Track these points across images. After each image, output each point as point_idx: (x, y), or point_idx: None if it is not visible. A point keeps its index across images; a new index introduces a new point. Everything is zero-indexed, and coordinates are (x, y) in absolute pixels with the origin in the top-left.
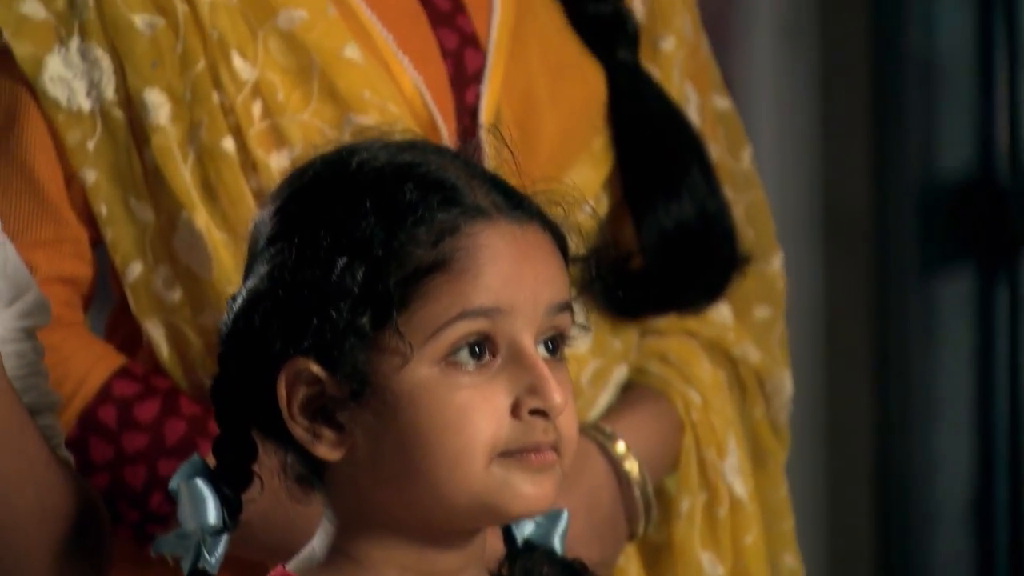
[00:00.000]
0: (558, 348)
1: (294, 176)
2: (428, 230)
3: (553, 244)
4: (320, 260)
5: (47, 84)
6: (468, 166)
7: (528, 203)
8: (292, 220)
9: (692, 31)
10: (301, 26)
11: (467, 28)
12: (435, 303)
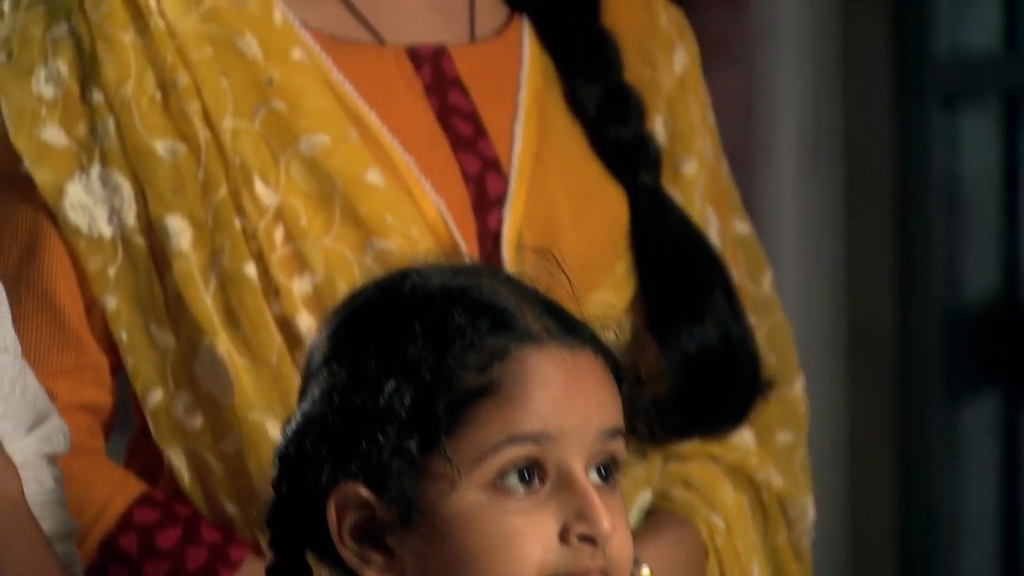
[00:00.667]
0: (610, 474)
1: (349, 299)
2: (477, 355)
3: (606, 369)
4: (369, 384)
5: (68, 211)
6: (521, 289)
7: (581, 327)
8: (344, 343)
9: (713, 154)
10: (323, 151)
11: (489, 153)
12: (483, 428)
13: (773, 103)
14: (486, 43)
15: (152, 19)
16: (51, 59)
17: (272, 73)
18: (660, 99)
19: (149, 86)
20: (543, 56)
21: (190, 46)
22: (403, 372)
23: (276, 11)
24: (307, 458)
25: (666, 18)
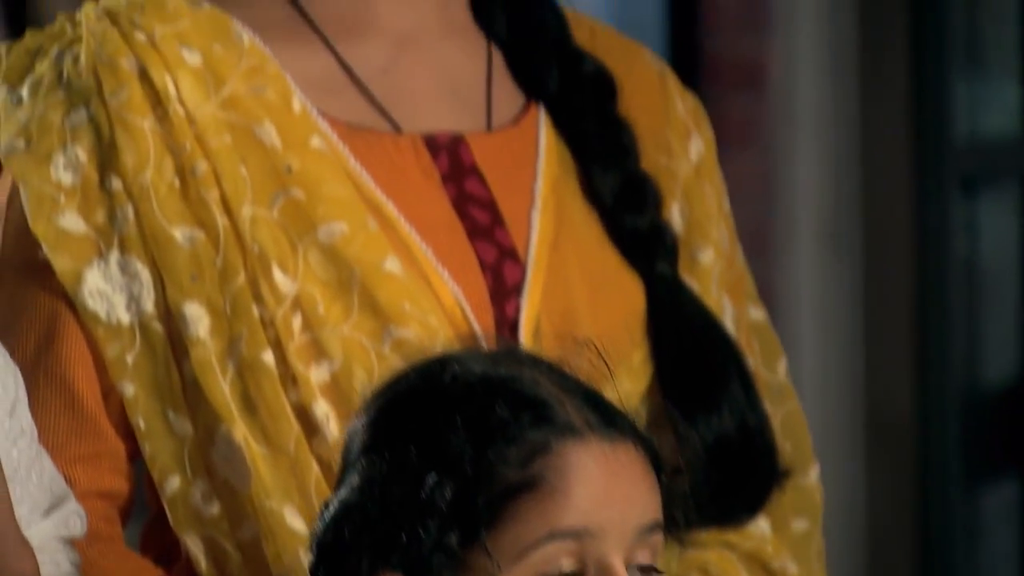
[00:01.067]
0: (651, 570)
1: (388, 386)
2: (518, 449)
3: (646, 462)
4: (410, 476)
5: (86, 298)
6: (562, 378)
7: (622, 419)
8: (384, 432)
9: (728, 242)
10: (341, 239)
11: (506, 241)
12: (524, 523)
13: (792, 188)
14: (503, 131)
15: (171, 106)
16: (70, 146)
17: (291, 161)
18: (676, 187)
19: (168, 173)
20: (560, 144)
21: (209, 133)
22: (444, 465)
23: (295, 99)
24: (346, 547)
25: (682, 106)
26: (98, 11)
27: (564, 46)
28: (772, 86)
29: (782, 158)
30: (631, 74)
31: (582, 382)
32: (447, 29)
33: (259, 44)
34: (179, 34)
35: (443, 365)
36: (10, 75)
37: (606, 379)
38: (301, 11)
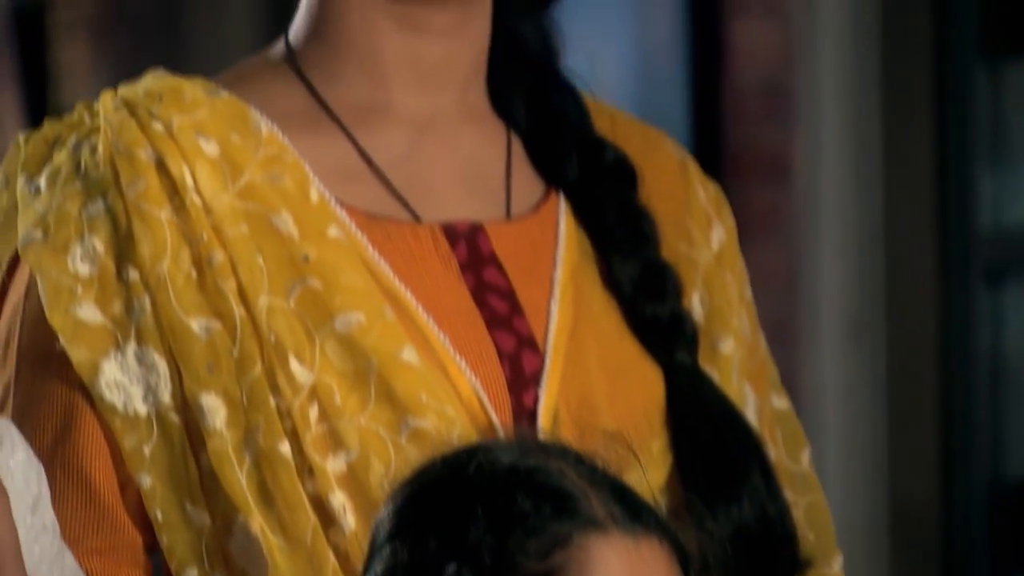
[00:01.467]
0: None
1: (416, 475)
2: (539, 541)
3: (671, 558)
4: (431, 565)
5: (103, 389)
6: (590, 471)
7: (648, 513)
8: (407, 522)
9: (750, 330)
10: (358, 329)
11: (524, 330)
12: None
13: (816, 279)
14: (522, 220)
15: (188, 196)
16: (87, 237)
17: (308, 251)
18: (697, 276)
19: (185, 264)
20: (579, 232)
21: (226, 223)
22: (464, 555)
23: (312, 188)
24: None
25: (703, 194)
26: (116, 101)
27: (584, 134)
28: (796, 177)
29: (806, 249)
30: (652, 162)
31: (610, 474)
32: (466, 116)
33: (277, 133)
34: (196, 124)
35: (470, 455)
36: (28, 164)
37: (628, 469)
38: (319, 99)
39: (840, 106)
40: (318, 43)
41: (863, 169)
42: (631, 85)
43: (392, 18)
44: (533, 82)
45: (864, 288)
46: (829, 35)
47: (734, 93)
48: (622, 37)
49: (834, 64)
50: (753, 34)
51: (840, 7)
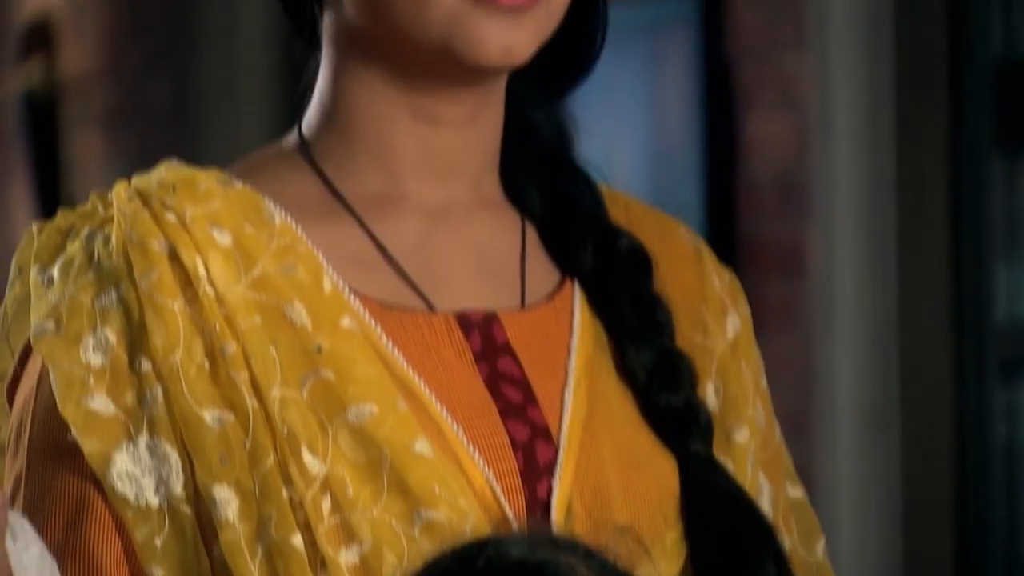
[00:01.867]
0: None
1: (426, 567)
2: None
3: None
4: None
5: (115, 481)
6: (602, 566)
7: None
8: None
9: (765, 419)
10: (371, 421)
11: (538, 420)
12: None
13: (831, 371)
14: (536, 309)
15: (201, 287)
16: (99, 327)
17: (321, 342)
18: (711, 365)
19: (197, 355)
20: (594, 320)
21: (239, 314)
22: None
23: (325, 278)
24: None
25: (718, 282)
26: (129, 191)
27: (599, 222)
28: (810, 269)
29: (821, 341)
30: (667, 250)
31: (621, 569)
32: (480, 204)
33: (290, 223)
34: (210, 215)
35: (480, 548)
36: (41, 254)
37: (641, 563)
38: (333, 190)
39: (855, 199)
40: (331, 133)
41: (878, 261)
42: (645, 175)
43: (406, 109)
44: (547, 171)
45: (879, 380)
46: (844, 128)
47: (748, 185)
48: (636, 127)
49: (849, 157)
50: (768, 126)
51: (855, 99)
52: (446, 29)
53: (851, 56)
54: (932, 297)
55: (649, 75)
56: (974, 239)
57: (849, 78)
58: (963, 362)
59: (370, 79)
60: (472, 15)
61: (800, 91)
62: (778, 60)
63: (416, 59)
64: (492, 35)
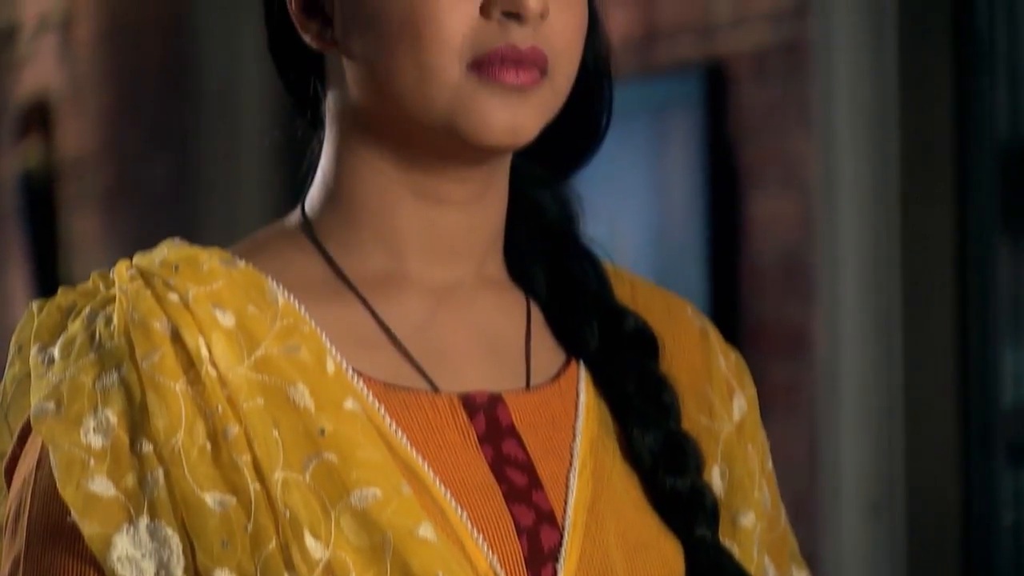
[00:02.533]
0: None
1: None
2: None
3: None
4: None
5: (116, 564)
6: None
7: None
8: None
9: (771, 501)
10: (375, 505)
11: (543, 504)
12: None
13: (836, 455)
14: (541, 390)
15: (203, 368)
16: (100, 409)
17: (324, 424)
18: (717, 448)
19: (199, 437)
20: (599, 402)
21: (241, 395)
22: None
23: (329, 359)
24: None
25: (724, 363)
26: (132, 271)
27: (605, 301)
28: (815, 352)
29: (826, 425)
30: (673, 330)
31: None
32: (484, 285)
33: (294, 303)
34: (213, 295)
35: None
36: (42, 333)
37: None
38: (336, 269)
39: (860, 281)
40: (335, 212)
41: (883, 344)
42: (649, 255)
43: (409, 189)
44: (552, 250)
45: (884, 464)
46: (849, 209)
47: (752, 265)
48: (640, 206)
49: (854, 238)
50: (772, 206)
51: (860, 180)
52: (450, 108)
53: (856, 136)
54: (938, 380)
55: (653, 154)
56: (980, 322)
57: (854, 159)
58: (969, 446)
59: (373, 158)
60: (476, 94)
61: (804, 171)
62: (782, 140)
63: (420, 138)
64: (497, 114)
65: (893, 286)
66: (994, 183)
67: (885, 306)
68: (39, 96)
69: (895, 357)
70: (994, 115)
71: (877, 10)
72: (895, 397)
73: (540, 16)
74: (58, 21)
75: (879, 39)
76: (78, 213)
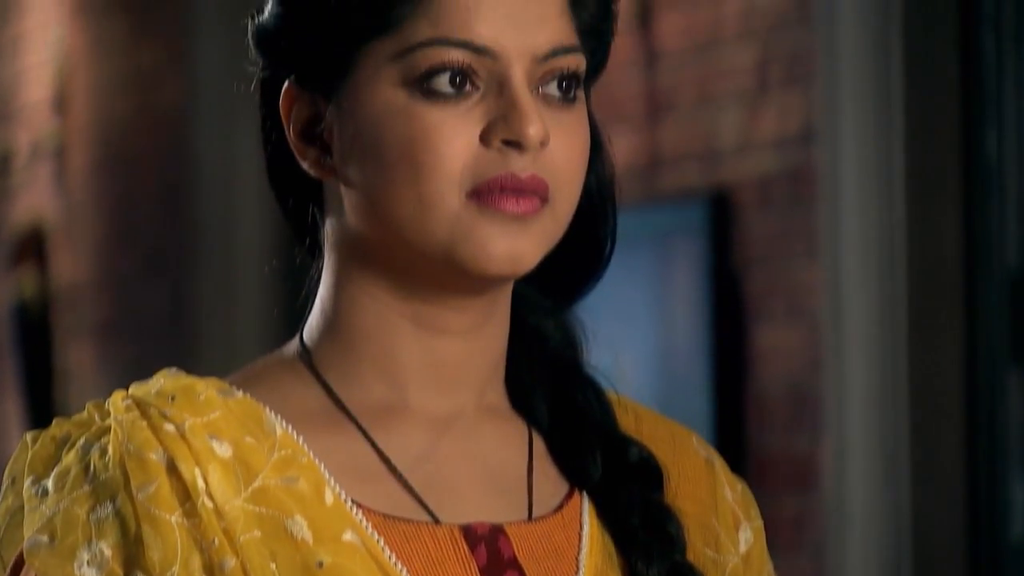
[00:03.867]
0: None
1: None
2: None
3: None
4: None
5: None
6: None
7: None
8: None
9: None
10: None
11: None
12: None
13: None
14: (544, 521)
15: (200, 499)
16: (95, 541)
17: (322, 556)
18: None
19: (195, 570)
20: (603, 533)
21: (238, 527)
22: None
23: (327, 490)
24: None
25: (731, 494)
26: (127, 401)
27: (608, 431)
28: (823, 486)
29: (833, 560)
30: (678, 460)
31: None
32: (485, 415)
33: (292, 434)
34: (210, 425)
35: None
36: (35, 464)
37: None
38: (336, 399)
39: (868, 413)
40: (333, 342)
41: (891, 477)
42: (653, 384)
43: (409, 318)
44: (555, 378)
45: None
46: (856, 340)
47: (758, 397)
48: (645, 334)
49: (861, 369)
50: (778, 337)
51: (867, 311)
52: (450, 236)
53: (864, 266)
54: (947, 513)
55: (657, 282)
56: (989, 453)
57: (862, 288)
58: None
59: (373, 287)
60: (476, 222)
61: (811, 301)
62: (788, 270)
63: (420, 267)
64: (497, 243)
65: (901, 418)
66: (1003, 311)
67: (893, 439)
68: (34, 224)
69: (903, 491)
70: (1003, 242)
71: (884, 137)
72: (903, 531)
73: (540, 144)
74: (52, 148)
75: (886, 166)
76: (73, 343)
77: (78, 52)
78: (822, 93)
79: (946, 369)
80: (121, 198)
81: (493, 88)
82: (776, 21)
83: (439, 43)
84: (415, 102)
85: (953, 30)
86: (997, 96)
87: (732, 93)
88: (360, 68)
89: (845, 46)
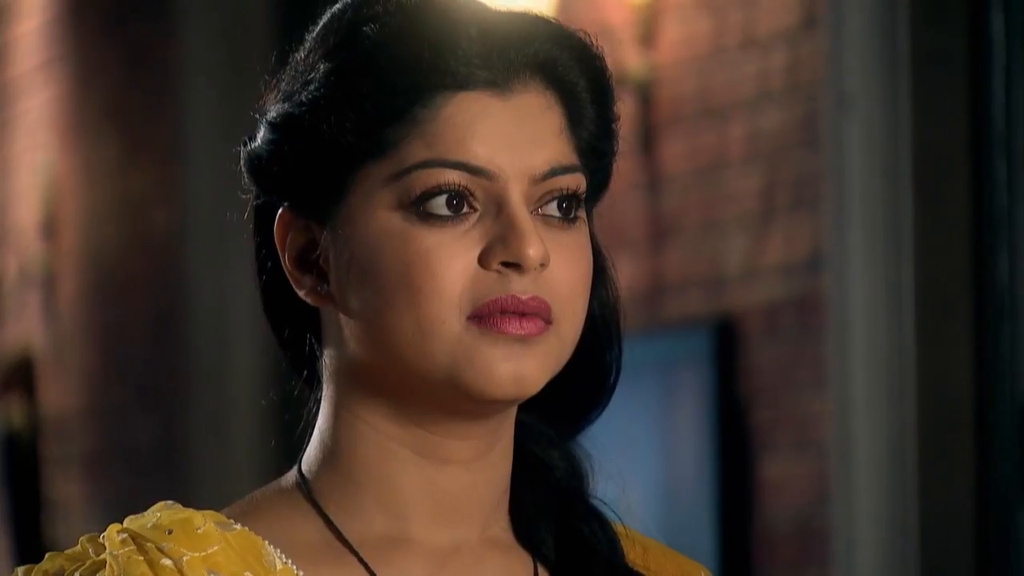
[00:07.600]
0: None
1: None
2: None
3: None
4: None
5: None
6: None
7: None
8: None
9: None
10: None
11: None
12: None
13: None
14: None
15: None
16: None
17: None
18: None
19: None
20: None
21: None
22: None
23: None
24: None
25: None
26: (123, 534)
27: (615, 566)
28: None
29: None
30: None
31: None
32: (489, 546)
33: (292, 567)
34: (208, 559)
35: None
36: None
37: None
38: (337, 532)
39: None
40: (333, 473)
41: None
42: (658, 516)
43: (410, 448)
44: (560, 510)
45: None
46: (865, 472)
47: (764, 529)
48: (649, 465)
49: (871, 503)
50: (784, 469)
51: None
52: (452, 360)
53: (872, 396)
54: None
55: (662, 412)
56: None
57: (870, 419)
58: None
59: (373, 416)
60: (478, 345)
61: (818, 432)
62: (795, 399)
63: (421, 393)
64: (500, 365)
65: (911, 554)
66: (1015, 440)
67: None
68: (21, 353)
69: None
70: (1015, 370)
71: (894, 262)
72: None
73: (540, 265)
74: (41, 274)
75: (895, 293)
76: (62, 475)
77: (67, 176)
78: (829, 217)
79: (957, 500)
80: (111, 326)
81: (491, 209)
82: (782, 144)
83: (434, 164)
84: (411, 225)
85: (963, 153)
86: (1008, 220)
87: (737, 218)
88: (354, 192)
89: (852, 169)
